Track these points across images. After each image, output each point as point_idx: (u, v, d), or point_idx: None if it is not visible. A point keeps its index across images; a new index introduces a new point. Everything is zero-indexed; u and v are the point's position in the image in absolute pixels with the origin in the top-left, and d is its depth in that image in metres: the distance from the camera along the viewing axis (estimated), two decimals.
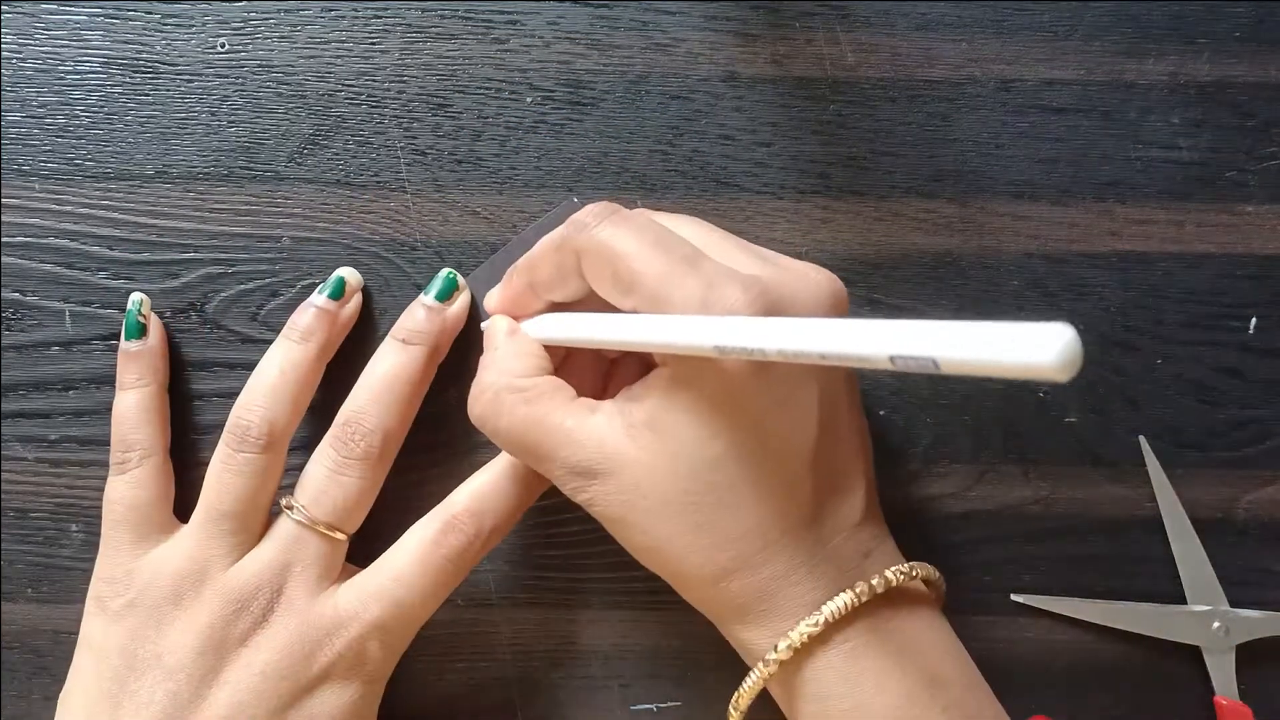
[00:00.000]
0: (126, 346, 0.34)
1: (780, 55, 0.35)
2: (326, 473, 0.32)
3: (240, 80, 0.35)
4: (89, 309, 0.35)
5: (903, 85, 0.35)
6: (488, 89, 0.35)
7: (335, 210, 0.35)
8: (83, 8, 0.35)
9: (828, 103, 0.35)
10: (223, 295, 0.35)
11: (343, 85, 0.35)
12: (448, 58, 0.35)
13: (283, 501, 0.32)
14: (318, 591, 0.32)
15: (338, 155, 0.35)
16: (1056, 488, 0.35)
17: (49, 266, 0.35)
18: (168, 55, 0.35)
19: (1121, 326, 0.35)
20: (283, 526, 0.32)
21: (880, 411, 0.35)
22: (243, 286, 0.35)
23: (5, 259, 0.35)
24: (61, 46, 0.35)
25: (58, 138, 0.35)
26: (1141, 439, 0.35)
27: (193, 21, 0.35)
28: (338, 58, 0.35)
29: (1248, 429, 0.35)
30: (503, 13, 0.35)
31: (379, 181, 0.35)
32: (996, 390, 0.35)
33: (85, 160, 0.35)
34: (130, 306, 0.34)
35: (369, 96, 0.35)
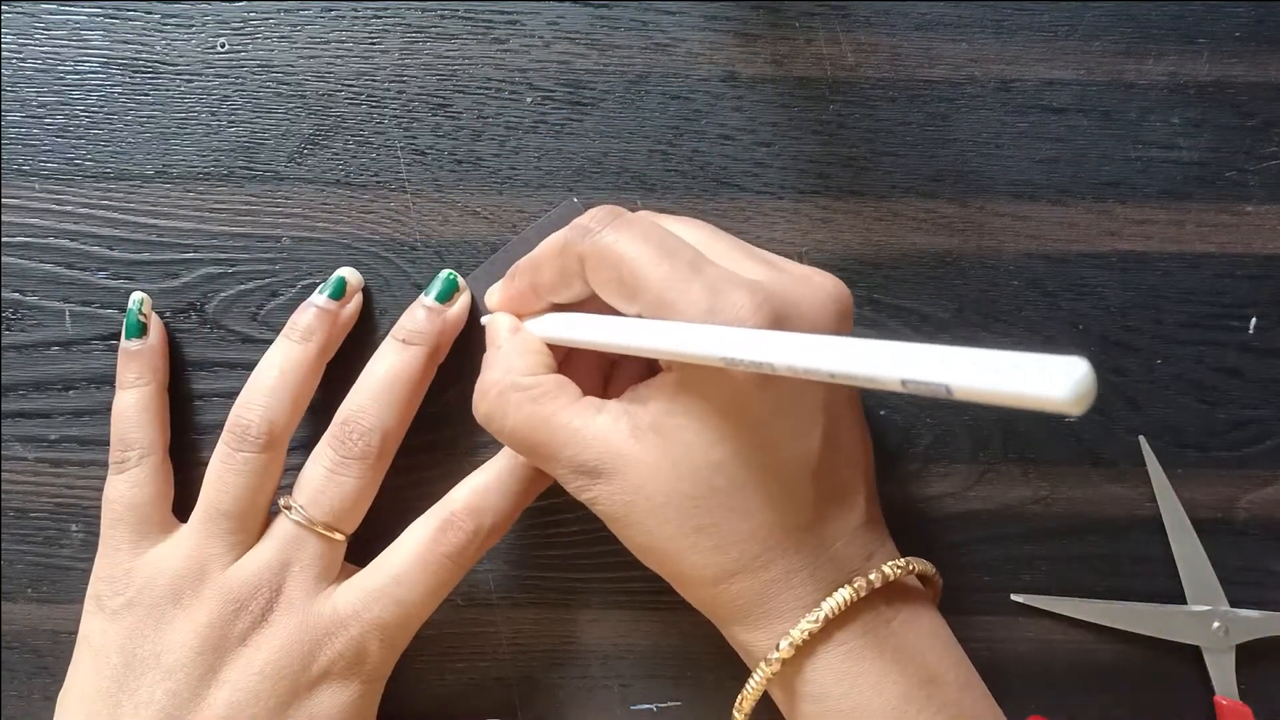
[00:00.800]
0: (127, 346, 0.34)
1: (780, 55, 0.35)
2: (325, 472, 0.32)
3: (240, 80, 0.35)
4: (89, 309, 0.35)
5: (903, 85, 0.35)
6: (488, 89, 0.35)
7: (335, 210, 0.35)
8: (83, 8, 0.35)
9: (828, 103, 0.35)
10: (223, 295, 0.35)
11: (343, 85, 0.35)
12: (448, 58, 0.35)
13: (281, 501, 0.32)
14: (317, 591, 0.32)
15: (338, 155, 0.35)
16: (1056, 488, 0.35)
17: (49, 266, 0.35)
18: (168, 55, 0.35)
19: (1121, 326, 0.35)
20: (281, 526, 0.32)
21: (880, 411, 0.35)
22: (243, 286, 0.35)
23: (5, 259, 0.35)
24: (61, 46, 0.35)
25: (58, 138, 0.35)
26: (1141, 439, 0.35)
27: (193, 21, 0.35)
28: (338, 58, 0.35)
29: (1248, 429, 0.35)
30: (503, 13, 0.35)
31: (379, 181, 0.35)
32: None
33: (85, 160, 0.35)
34: (131, 306, 0.34)
35: (369, 96, 0.35)
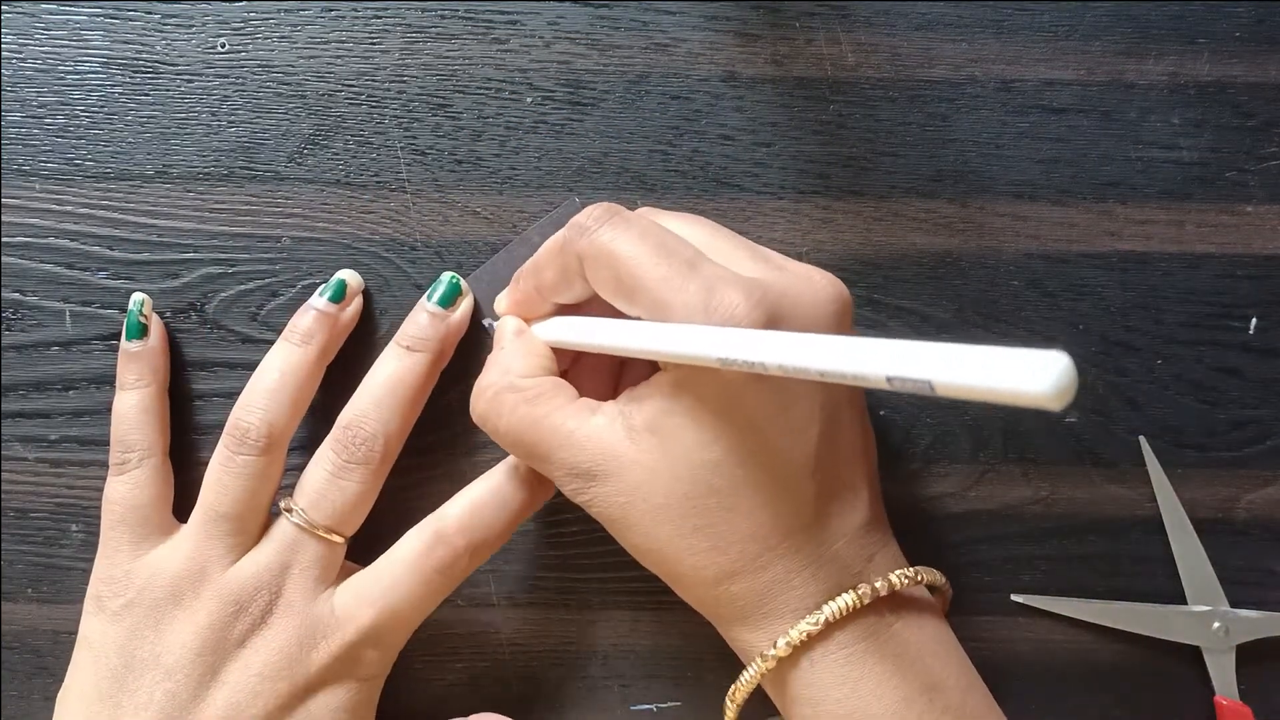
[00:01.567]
0: (127, 346, 0.34)
1: (780, 55, 0.35)
2: (326, 476, 0.32)
3: (240, 80, 0.35)
4: (89, 309, 0.35)
5: (903, 85, 0.35)
6: (488, 89, 0.35)
7: (335, 210, 0.35)
8: (83, 8, 0.35)
9: (828, 103, 0.35)
10: (223, 295, 0.35)
11: (343, 85, 0.35)
12: (448, 58, 0.35)
13: (282, 503, 0.32)
14: (316, 593, 0.32)
15: (338, 155, 0.35)
16: (1056, 488, 0.35)
17: (49, 266, 0.35)
18: (168, 55, 0.35)
19: (1121, 326, 0.35)
20: (282, 528, 0.32)
21: (880, 411, 0.35)
22: (243, 286, 0.35)
23: (5, 259, 0.35)
24: (61, 46, 0.35)
25: (58, 138, 0.35)
26: (1141, 439, 0.35)
27: (193, 21, 0.35)
28: (338, 58, 0.35)
29: (1247, 429, 0.35)
30: (503, 13, 0.35)
31: (379, 181, 0.35)
32: None
33: (85, 160, 0.35)
34: (131, 306, 0.34)
35: (369, 96, 0.35)
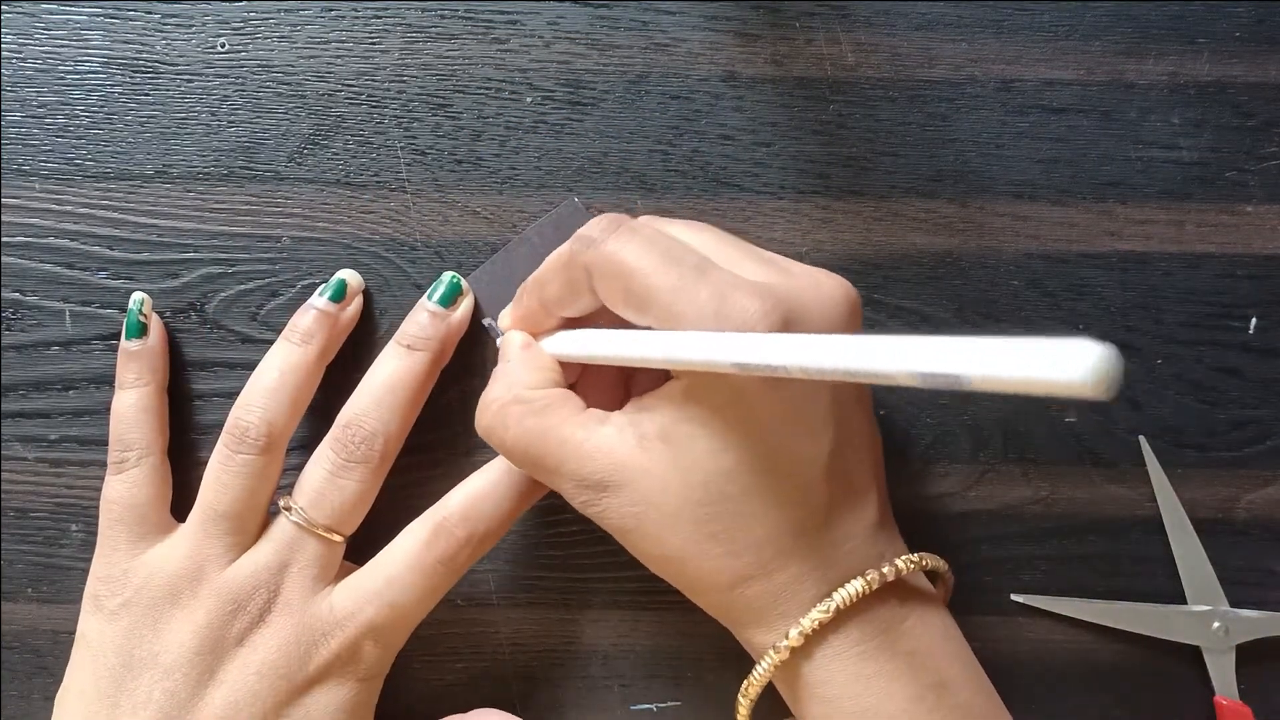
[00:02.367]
0: (126, 346, 0.34)
1: (780, 55, 0.35)
2: (326, 475, 0.32)
3: (240, 80, 0.35)
4: (89, 309, 0.35)
5: (903, 85, 0.35)
6: (488, 89, 0.35)
7: (335, 210, 0.35)
8: (83, 8, 0.35)
9: (828, 103, 0.35)
10: (223, 295, 0.35)
11: (343, 85, 0.35)
12: (448, 58, 0.35)
13: (281, 502, 0.32)
14: (314, 592, 0.32)
15: (338, 155, 0.35)
16: (1056, 488, 0.35)
17: (49, 266, 0.35)
18: (168, 55, 0.35)
19: (1121, 326, 0.35)
20: (281, 527, 0.32)
21: (880, 411, 0.35)
22: (243, 286, 0.35)
23: (5, 259, 0.35)
24: (61, 46, 0.35)
25: (58, 138, 0.35)
26: (1141, 439, 0.35)
27: (193, 21, 0.35)
28: (338, 58, 0.35)
29: (1248, 429, 0.35)
30: (503, 13, 0.35)
31: (379, 181, 0.35)
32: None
33: (85, 160, 0.35)
34: (131, 306, 0.34)
35: (369, 96, 0.35)
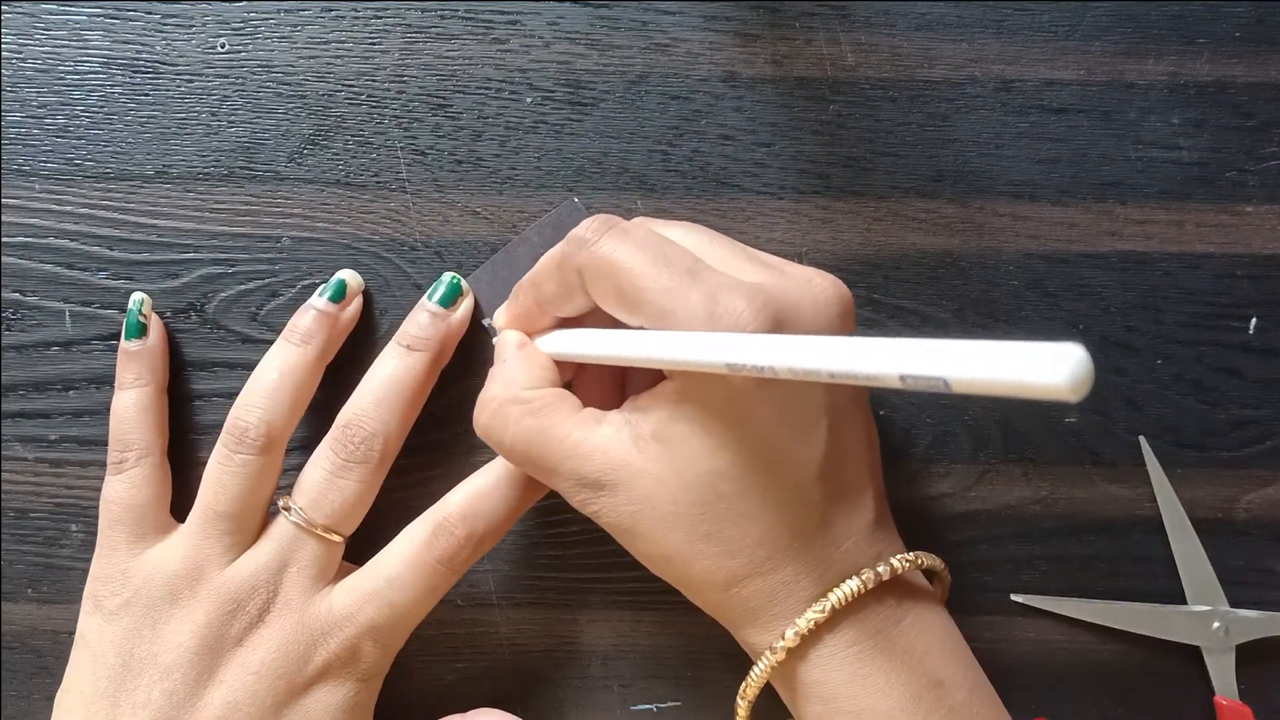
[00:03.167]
0: (126, 346, 0.34)
1: (780, 55, 0.35)
2: (325, 475, 0.32)
3: (240, 80, 0.35)
4: (89, 309, 0.35)
5: (903, 85, 0.35)
6: (488, 89, 0.35)
7: (335, 210, 0.35)
8: (83, 8, 0.35)
9: (828, 103, 0.35)
10: (223, 295, 0.35)
11: (343, 85, 0.35)
12: (448, 58, 0.35)
13: (280, 502, 0.32)
14: (313, 592, 0.32)
15: (338, 155, 0.35)
16: (1056, 488, 0.35)
17: (49, 266, 0.35)
18: (168, 55, 0.35)
19: (1121, 326, 0.35)
20: (280, 527, 0.32)
21: (880, 411, 0.35)
22: (243, 286, 0.35)
23: (5, 259, 0.35)
24: (61, 46, 0.35)
25: (58, 138, 0.35)
26: (1141, 439, 0.35)
27: (193, 21, 0.35)
28: (338, 58, 0.35)
29: (1248, 429, 0.35)
30: (503, 13, 0.35)
31: (379, 181, 0.35)
32: None
33: (85, 160, 0.35)
34: (131, 306, 0.34)
35: (369, 96, 0.35)
